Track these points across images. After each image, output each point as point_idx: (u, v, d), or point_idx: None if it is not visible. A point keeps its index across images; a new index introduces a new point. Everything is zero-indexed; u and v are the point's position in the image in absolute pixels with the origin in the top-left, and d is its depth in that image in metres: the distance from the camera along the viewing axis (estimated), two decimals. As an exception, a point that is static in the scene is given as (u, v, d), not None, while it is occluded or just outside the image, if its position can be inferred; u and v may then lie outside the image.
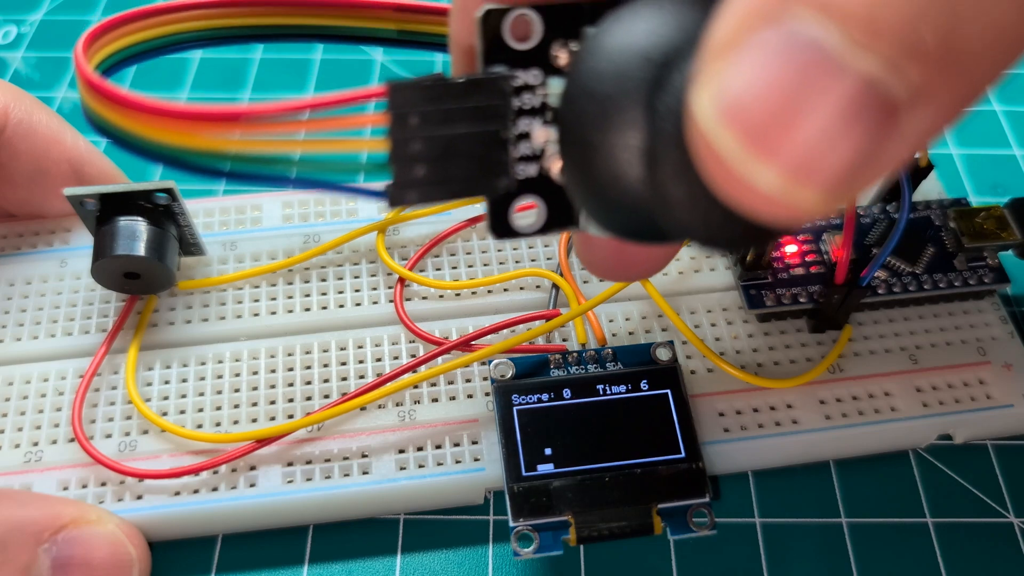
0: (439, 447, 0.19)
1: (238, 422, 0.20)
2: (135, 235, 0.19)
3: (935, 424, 0.20)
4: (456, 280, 0.22)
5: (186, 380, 0.20)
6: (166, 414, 0.20)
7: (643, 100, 0.10)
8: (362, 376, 0.20)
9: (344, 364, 0.21)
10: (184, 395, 0.20)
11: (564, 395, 0.19)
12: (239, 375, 0.20)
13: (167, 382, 0.20)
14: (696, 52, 0.09)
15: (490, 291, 0.22)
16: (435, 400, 0.20)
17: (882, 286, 0.21)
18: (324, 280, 0.22)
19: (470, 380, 0.20)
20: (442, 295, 0.22)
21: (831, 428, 0.20)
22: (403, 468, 0.19)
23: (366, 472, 0.19)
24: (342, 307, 0.21)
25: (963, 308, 0.22)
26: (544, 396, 0.19)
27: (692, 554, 0.19)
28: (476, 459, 0.19)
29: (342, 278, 0.22)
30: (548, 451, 0.18)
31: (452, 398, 0.20)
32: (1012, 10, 0.08)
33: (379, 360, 0.21)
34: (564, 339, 0.21)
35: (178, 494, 0.18)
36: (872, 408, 0.20)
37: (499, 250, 0.23)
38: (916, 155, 0.21)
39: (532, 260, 0.22)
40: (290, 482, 0.19)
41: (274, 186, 0.12)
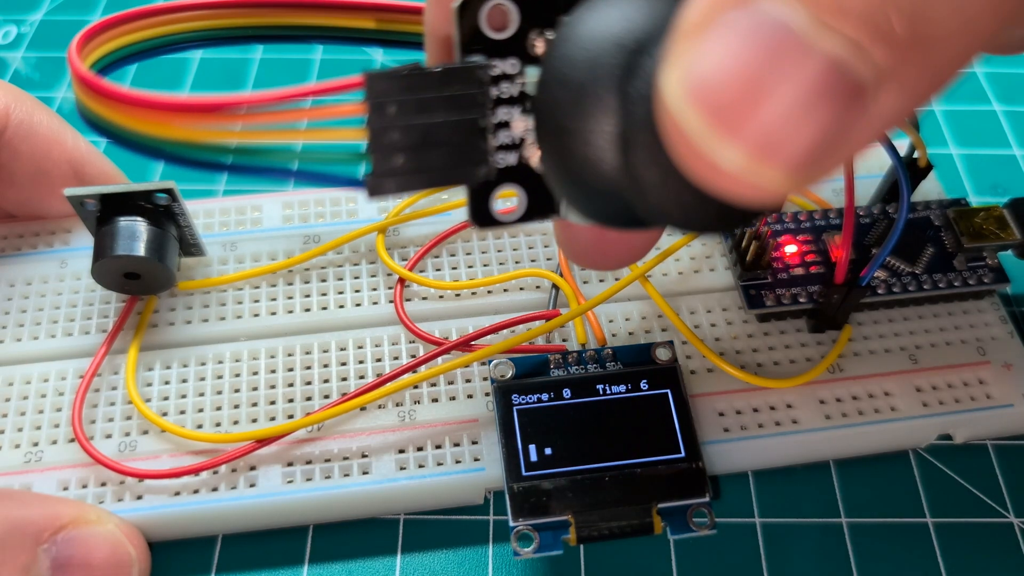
0: (439, 447, 0.19)
1: (238, 422, 0.20)
2: (135, 235, 0.19)
3: (935, 424, 0.20)
4: (456, 280, 0.22)
5: (186, 380, 0.20)
6: (166, 414, 0.20)
7: (615, 86, 0.10)
8: (362, 376, 0.20)
9: (344, 364, 0.21)
10: (184, 395, 0.20)
11: (564, 395, 0.19)
12: (239, 375, 0.20)
13: (167, 382, 0.20)
14: (667, 37, 0.09)
15: (490, 291, 0.22)
16: (435, 400, 0.20)
17: (882, 286, 0.21)
18: (324, 280, 0.22)
19: (470, 380, 0.20)
20: (442, 295, 0.22)
21: (831, 428, 0.20)
22: (403, 468, 0.19)
23: (366, 472, 0.19)
24: (342, 307, 0.21)
25: (963, 308, 0.22)
26: (544, 396, 0.19)
27: (692, 554, 0.19)
28: (476, 459, 0.19)
29: (342, 278, 0.22)
30: (548, 451, 0.18)
31: (452, 398, 0.20)
32: None
33: (379, 360, 0.21)
34: (564, 339, 0.21)
35: (178, 494, 0.18)
36: (872, 408, 0.20)
37: (499, 251, 0.23)
38: (915, 155, 0.21)
39: (532, 260, 0.22)
40: (290, 482, 0.19)
41: (275, 180, 0.12)
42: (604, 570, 0.19)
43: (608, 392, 0.19)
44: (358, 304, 0.22)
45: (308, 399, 0.20)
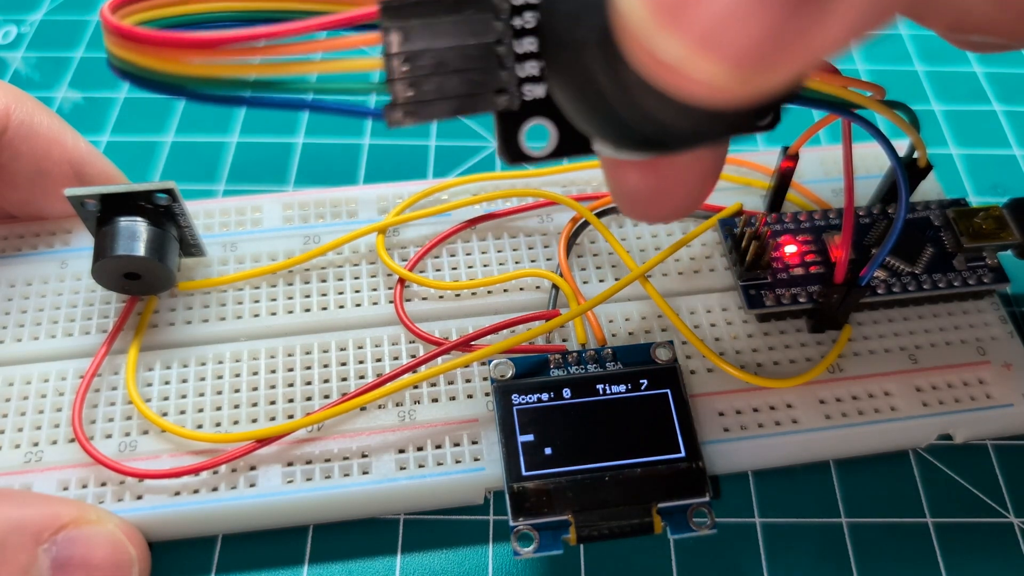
0: (439, 447, 0.19)
1: (238, 422, 0.20)
2: (135, 236, 0.19)
3: (935, 424, 0.20)
4: (456, 281, 0.22)
5: (186, 380, 0.20)
6: (166, 414, 0.20)
7: None
8: (362, 376, 0.20)
9: (344, 364, 0.21)
10: (184, 395, 0.20)
11: (564, 395, 0.19)
12: (239, 375, 0.20)
13: (167, 382, 0.20)
14: None
15: (490, 292, 0.22)
16: (435, 400, 0.20)
17: (881, 286, 0.21)
18: (324, 281, 0.22)
19: (470, 380, 0.20)
20: (442, 296, 0.22)
21: (831, 428, 0.20)
22: (403, 468, 0.19)
23: (366, 472, 0.19)
24: (342, 308, 0.21)
25: (962, 308, 0.22)
26: (544, 396, 0.19)
27: (692, 554, 0.19)
28: (476, 459, 0.19)
29: (342, 279, 0.22)
30: (548, 451, 0.18)
31: (452, 398, 0.20)
32: None
33: (379, 360, 0.21)
34: (564, 339, 0.21)
35: (178, 494, 0.18)
36: (872, 408, 0.20)
37: (499, 251, 0.23)
38: (915, 155, 0.21)
39: (532, 261, 0.22)
40: (290, 482, 0.19)
41: (291, 110, 0.12)
42: (604, 570, 0.19)
43: (608, 392, 0.19)
44: (358, 304, 0.22)
45: (308, 399, 0.20)
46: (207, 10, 0.13)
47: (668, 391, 0.19)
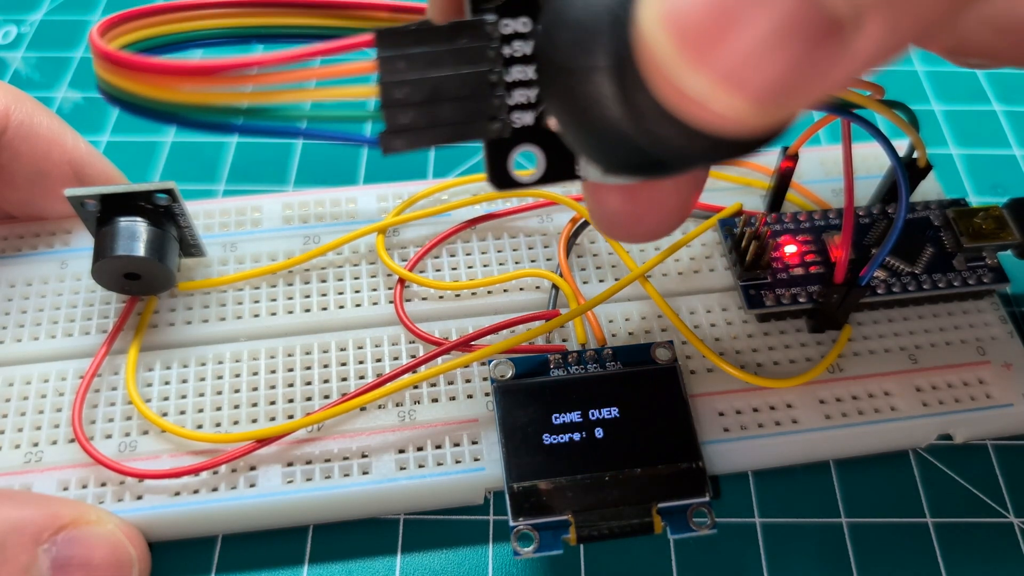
0: (439, 447, 0.19)
1: (238, 422, 0.20)
2: (135, 236, 0.19)
3: (935, 424, 0.20)
4: (456, 281, 0.22)
5: (186, 381, 0.20)
6: (166, 414, 0.20)
7: (609, 20, 0.10)
8: (362, 376, 0.20)
9: (344, 364, 0.21)
10: (184, 395, 0.20)
11: (564, 395, 0.19)
12: (239, 376, 0.20)
13: (167, 383, 0.20)
14: None
15: (490, 292, 0.22)
16: (435, 400, 0.20)
17: (881, 286, 0.21)
18: (324, 281, 0.22)
19: (470, 380, 0.20)
20: (442, 296, 0.22)
21: (831, 428, 0.20)
22: (403, 468, 0.19)
23: (366, 472, 0.19)
24: (342, 308, 0.21)
25: (962, 308, 0.22)
26: (544, 396, 0.19)
27: (692, 554, 0.19)
28: (476, 459, 0.19)
29: (342, 279, 0.22)
30: (548, 451, 0.18)
31: (452, 398, 0.20)
32: None
33: (379, 360, 0.21)
34: (564, 339, 0.21)
35: (178, 494, 0.18)
36: (872, 408, 0.20)
37: (499, 251, 0.23)
38: (914, 155, 0.21)
39: (532, 261, 0.22)
40: (290, 482, 0.19)
41: (285, 137, 0.12)
42: (604, 570, 0.19)
43: (608, 392, 0.19)
44: (358, 304, 0.22)
45: (308, 399, 0.20)
46: (198, 28, 0.13)
47: (668, 391, 0.19)
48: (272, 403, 0.20)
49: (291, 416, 0.20)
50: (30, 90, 0.22)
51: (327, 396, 0.20)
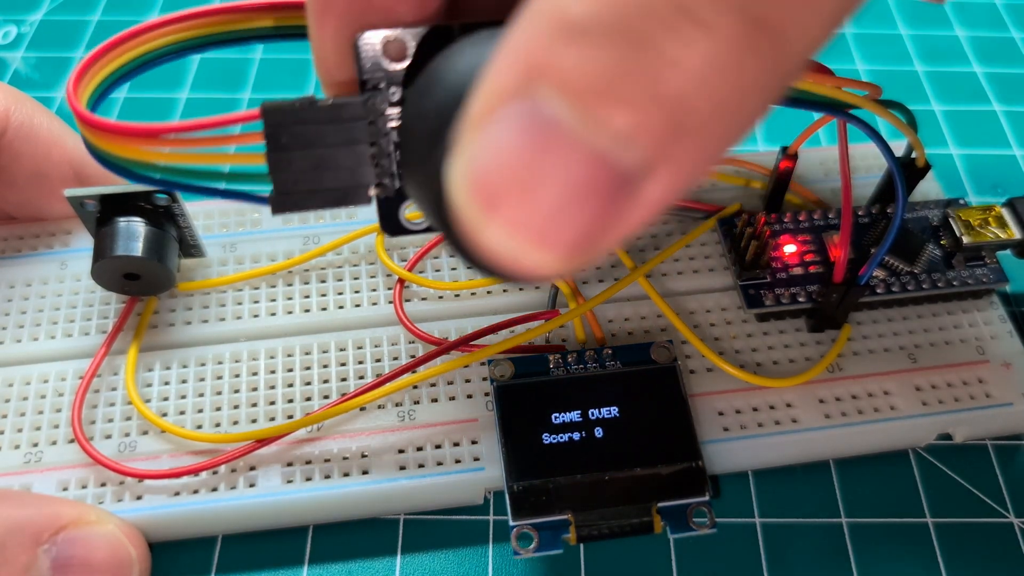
0: (439, 447, 0.19)
1: (238, 422, 0.20)
2: (135, 236, 0.19)
3: (935, 423, 0.20)
4: (455, 281, 0.22)
5: (186, 381, 0.20)
6: (166, 415, 0.20)
7: (429, 147, 0.11)
8: (361, 376, 0.20)
9: (344, 365, 0.21)
10: (184, 396, 0.20)
11: (564, 394, 0.19)
12: (239, 376, 0.20)
13: (167, 383, 0.20)
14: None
15: (489, 291, 0.22)
16: (435, 400, 0.20)
17: (881, 286, 0.21)
18: (324, 281, 0.22)
19: (470, 380, 0.20)
20: (441, 296, 0.22)
21: (831, 427, 0.20)
22: (403, 468, 0.19)
23: (366, 472, 0.19)
24: (342, 308, 0.21)
25: (962, 307, 0.22)
26: (545, 396, 0.19)
27: (692, 554, 0.19)
28: (476, 459, 0.19)
29: (341, 279, 0.22)
30: (548, 450, 0.18)
31: (452, 398, 0.20)
32: (727, 83, 0.08)
33: (379, 361, 0.21)
34: (564, 339, 0.21)
35: (178, 494, 0.18)
36: (872, 407, 0.20)
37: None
38: (913, 155, 0.21)
39: (531, 260, 0.22)
40: (290, 482, 0.19)
41: (202, 196, 0.14)
42: (604, 570, 0.19)
43: (608, 392, 0.19)
44: (357, 305, 0.22)
45: (308, 399, 0.20)
46: (164, 44, 0.14)
47: (668, 391, 0.19)
48: (272, 403, 0.20)
49: (291, 416, 0.20)
50: (30, 90, 0.22)
51: (327, 396, 0.20)
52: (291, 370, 0.20)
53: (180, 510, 0.18)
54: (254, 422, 0.20)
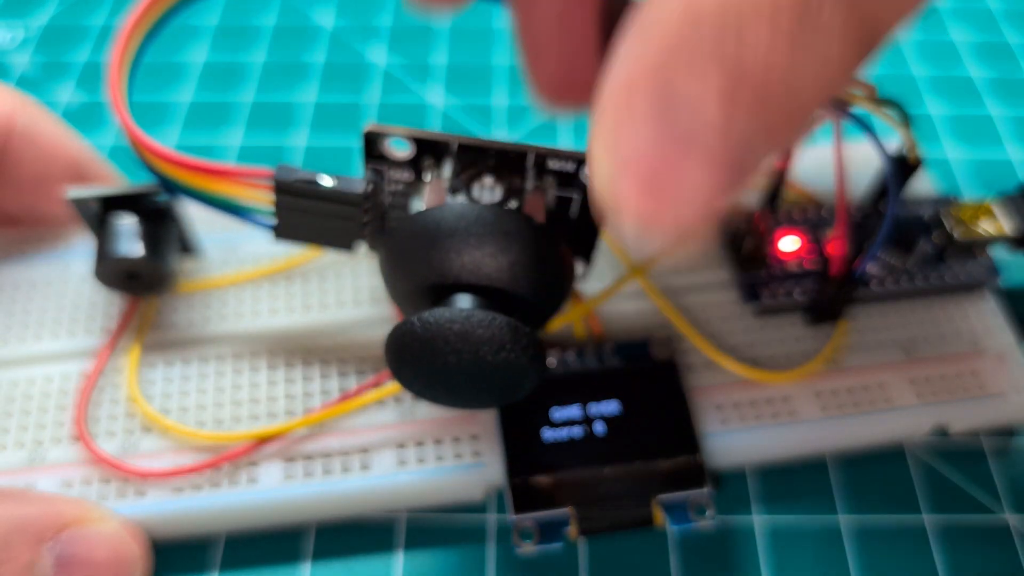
0: (439, 443, 0.19)
1: (240, 421, 0.20)
2: (136, 237, 0.20)
3: (930, 414, 0.20)
4: (455, 279, 0.22)
5: (188, 380, 0.20)
6: (168, 413, 0.20)
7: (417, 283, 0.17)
8: (362, 372, 0.21)
9: (344, 363, 0.21)
10: (186, 394, 0.20)
11: (564, 392, 0.19)
12: (241, 374, 0.20)
13: (169, 382, 0.20)
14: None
15: (489, 290, 0.22)
16: (435, 397, 0.20)
17: (876, 281, 0.21)
18: (324, 280, 0.22)
19: (470, 377, 0.20)
20: (441, 294, 0.22)
21: (828, 419, 0.20)
22: (403, 463, 0.19)
23: (366, 468, 0.19)
24: (342, 307, 0.22)
25: (955, 301, 0.22)
26: (544, 394, 0.19)
27: (692, 553, 0.19)
28: (476, 454, 0.19)
29: (342, 278, 0.22)
30: (548, 445, 0.18)
31: (452, 395, 0.20)
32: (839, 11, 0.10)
33: (379, 360, 0.21)
34: (563, 336, 0.21)
35: (180, 492, 0.19)
36: (868, 400, 0.20)
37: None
38: (905, 151, 0.21)
39: (530, 259, 0.23)
40: (291, 479, 0.19)
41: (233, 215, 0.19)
42: (605, 568, 0.19)
43: (607, 387, 0.19)
44: (358, 304, 0.22)
45: (308, 396, 0.20)
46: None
47: (667, 385, 0.19)
48: (273, 401, 0.20)
49: (291, 413, 0.20)
50: (34, 93, 0.23)
51: (327, 394, 0.20)
52: (292, 368, 0.21)
53: (182, 507, 0.18)
54: (256, 420, 0.20)
